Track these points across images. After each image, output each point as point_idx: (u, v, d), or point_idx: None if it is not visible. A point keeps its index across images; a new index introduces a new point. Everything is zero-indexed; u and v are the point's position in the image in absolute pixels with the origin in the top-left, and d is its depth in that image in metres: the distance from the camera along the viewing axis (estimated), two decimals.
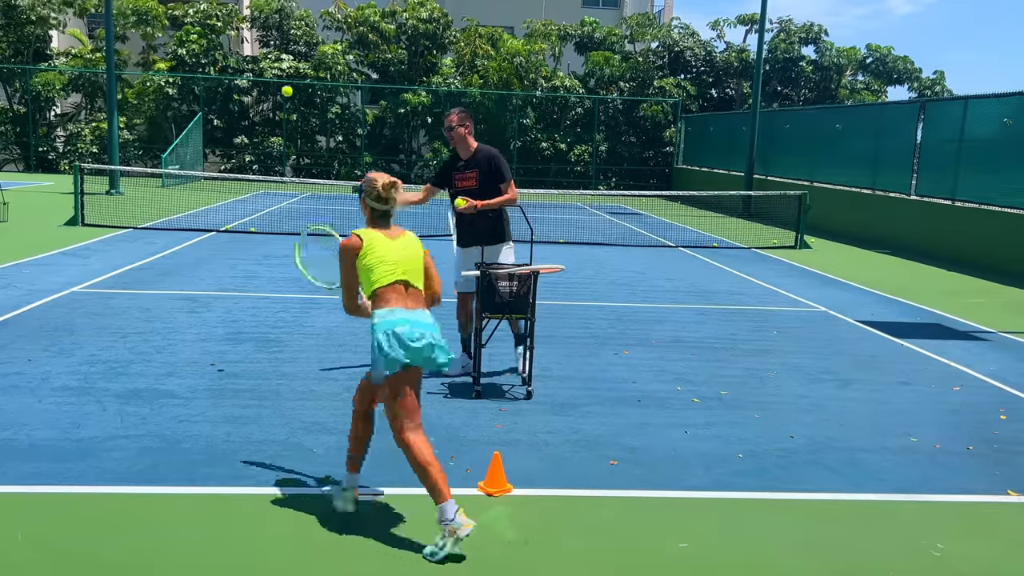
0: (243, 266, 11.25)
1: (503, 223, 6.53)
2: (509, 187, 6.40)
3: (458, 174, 6.44)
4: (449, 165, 6.56)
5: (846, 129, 20.46)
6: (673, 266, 13.12)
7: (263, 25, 32.01)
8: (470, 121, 6.42)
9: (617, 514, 4.24)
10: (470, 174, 6.38)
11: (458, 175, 6.44)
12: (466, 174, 6.40)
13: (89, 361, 6.51)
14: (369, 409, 4.13)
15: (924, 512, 4.47)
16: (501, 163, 6.40)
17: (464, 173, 6.41)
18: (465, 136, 6.36)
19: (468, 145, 6.40)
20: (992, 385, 6.97)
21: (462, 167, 6.43)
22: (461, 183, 6.41)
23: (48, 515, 4.00)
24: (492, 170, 6.35)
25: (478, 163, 6.37)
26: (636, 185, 30.98)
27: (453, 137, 6.39)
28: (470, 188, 6.36)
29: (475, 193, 6.33)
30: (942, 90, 36.86)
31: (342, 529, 3.96)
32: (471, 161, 6.39)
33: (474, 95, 30.50)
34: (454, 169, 6.48)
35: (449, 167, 6.55)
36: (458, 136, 6.36)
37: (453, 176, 6.47)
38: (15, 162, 30.38)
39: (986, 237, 14.45)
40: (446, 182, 6.56)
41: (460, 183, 6.42)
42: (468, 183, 6.38)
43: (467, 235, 6.50)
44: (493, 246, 6.47)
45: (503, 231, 6.51)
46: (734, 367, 7.18)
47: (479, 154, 6.39)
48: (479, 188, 6.34)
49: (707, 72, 34.86)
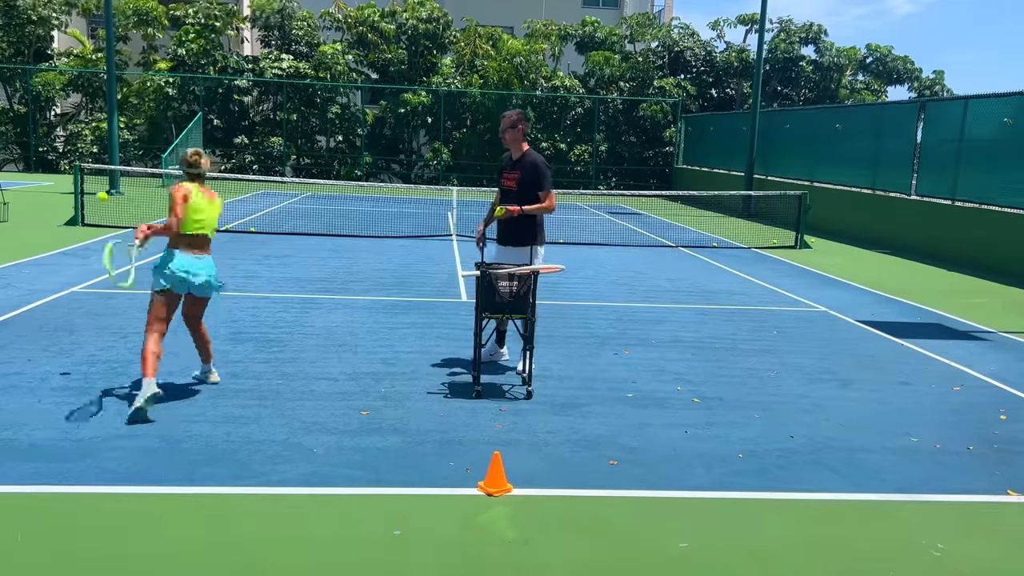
0: (243, 266, 11.25)
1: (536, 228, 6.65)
2: (548, 197, 6.58)
3: (505, 172, 6.69)
4: (503, 164, 6.81)
5: (846, 129, 20.46)
6: (673, 266, 13.12)
7: (264, 25, 32.02)
8: (525, 123, 6.60)
9: (617, 514, 4.24)
10: (514, 175, 6.58)
11: (505, 173, 6.69)
12: (511, 174, 6.61)
13: (89, 361, 6.51)
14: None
15: (924, 512, 4.47)
16: (543, 172, 6.57)
17: (509, 173, 6.63)
18: (519, 137, 6.56)
19: (520, 147, 6.61)
20: (992, 385, 6.97)
21: (509, 167, 6.66)
22: (505, 182, 6.66)
23: (48, 515, 4.00)
24: (533, 177, 6.54)
25: (523, 167, 6.57)
26: (636, 185, 30.99)
27: (507, 137, 6.56)
28: (510, 189, 6.58)
29: (514, 194, 6.56)
30: (942, 90, 36.86)
31: (342, 529, 3.96)
32: (518, 163, 6.61)
33: (474, 95, 30.51)
34: (504, 168, 6.73)
35: (503, 166, 6.80)
36: (512, 136, 6.55)
37: (501, 172, 6.74)
38: (15, 162, 30.38)
39: (986, 237, 14.45)
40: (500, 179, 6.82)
41: (504, 182, 6.66)
42: (509, 183, 6.60)
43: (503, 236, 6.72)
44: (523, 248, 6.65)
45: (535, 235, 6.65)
46: (734, 367, 7.18)
47: (526, 158, 6.60)
48: (518, 191, 6.55)
49: (707, 72, 34.87)
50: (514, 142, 6.58)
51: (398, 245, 14.28)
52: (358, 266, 11.83)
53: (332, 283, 10.42)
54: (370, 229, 15.97)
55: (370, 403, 5.79)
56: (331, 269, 11.44)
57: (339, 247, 13.57)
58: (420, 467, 4.71)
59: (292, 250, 12.96)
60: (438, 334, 7.85)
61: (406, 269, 11.75)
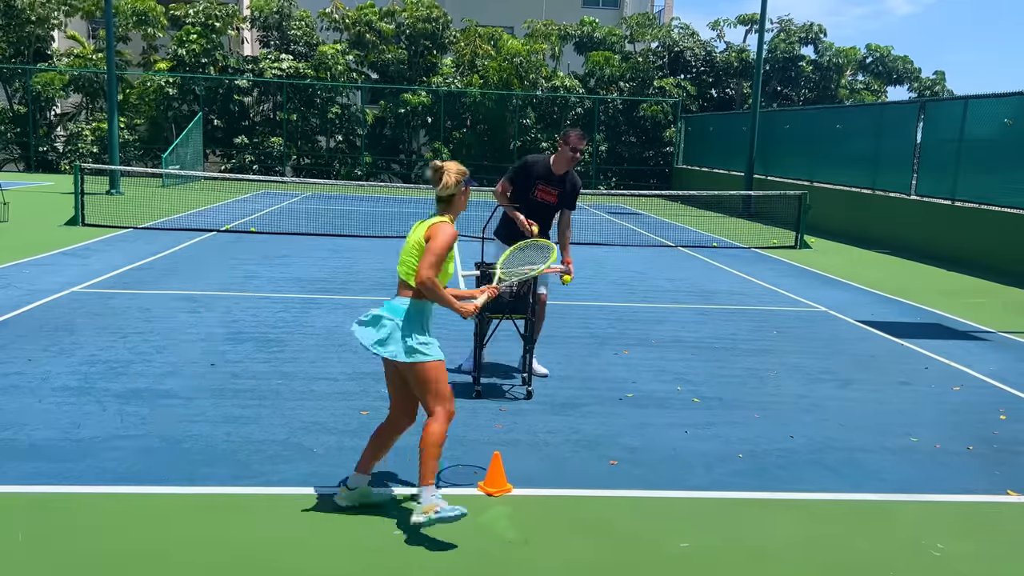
0: (243, 266, 11.25)
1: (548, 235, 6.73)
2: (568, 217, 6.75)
3: (545, 185, 6.60)
4: (532, 173, 6.59)
5: (846, 129, 20.47)
6: (673, 266, 13.12)
7: (263, 25, 32.02)
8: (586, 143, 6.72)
9: (617, 514, 4.24)
10: (555, 191, 6.59)
11: (544, 186, 6.60)
12: (552, 189, 6.59)
13: (89, 361, 6.51)
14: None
15: (924, 512, 4.47)
16: (579, 194, 6.74)
17: (551, 187, 6.59)
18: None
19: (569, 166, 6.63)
20: (992, 385, 6.97)
21: (553, 181, 6.58)
22: (543, 195, 6.61)
23: (48, 515, 4.00)
24: (572, 196, 6.66)
25: (567, 184, 6.63)
26: (636, 185, 30.98)
27: (571, 158, 6.51)
28: (549, 202, 6.61)
29: (550, 207, 6.63)
30: (942, 90, 36.85)
31: (342, 528, 3.96)
32: (562, 180, 6.61)
33: (474, 95, 30.50)
34: (540, 179, 6.59)
35: (532, 175, 6.59)
36: (574, 159, 6.53)
37: (537, 184, 6.59)
38: (15, 162, 30.38)
39: (986, 237, 14.45)
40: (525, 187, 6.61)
41: (542, 195, 6.61)
42: (550, 197, 6.60)
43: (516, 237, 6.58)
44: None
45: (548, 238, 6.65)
46: (734, 367, 7.18)
47: (571, 176, 6.66)
48: (556, 205, 6.64)
49: (707, 72, 34.86)
50: (571, 163, 6.58)
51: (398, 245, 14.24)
52: (358, 266, 11.83)
53: (332, 283, 10.42)
54: (370, 229, 15.96)
55: (370, 403, 5.79)
56: (331, 269, 11.44)
57: (339, 247, 13.57)
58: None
59: (292, 250, 12.96)
60: (438, 334, 7.83)
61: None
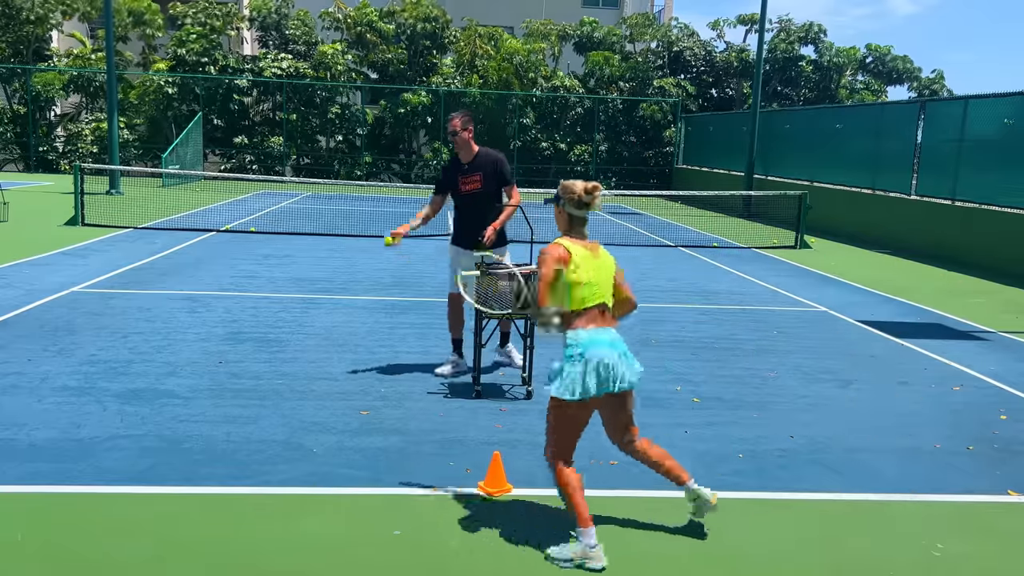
0: (243, 266, 11.25)
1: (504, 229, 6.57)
2: (512, 190, 6.54)
3: (463, 177, 6.51)
4: (451, 169, 6.60)
5: (846, 129, 20.46)
6: (673, 266, 13.12)
7: (262, 25, 32.01)
8: (472, 124, 6.50)
9: (617, 514, 4.24)
10: (475, 177, 6.46)
11: (463, 178, 6.51)
12: (471, 177, 6.47)
13: (89, 361, 6.51)
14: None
15: (924, 512, 4.47)
16: (504, 166, 6.52)
17: (468, 176, 6.48)
18: (468, 140, 6.44)
19: (471, 149, 6.48)
20: (992, 385, 6.97)
21: (466, 170, 6.50)
22: (466, 186, 6.49)
23: (48, 515, 4.00)
24: (496, 172, 6.47)
25: (482, 166, 6.47)
26: (636, 185, 30.98)
27: (457, 142, 6.46)
28: (476, 190, 6.46)
29: (480, 194, 6.45)
30: (941, 90, 36.86)
31: (342, 529, 3.96)
32: (474, 164, 6.48)
33: (474, 95, 30.49)
34: (458, 172, 6.54)
35: (452, 171, 6.59)
36: (461, 140, 6.43)
37: (458, 179, 6.53)
38: (15, 162, 30.37)
39: (986, 237, 14.45)
40: (451, 187, 6.60)
41: (465, 186, 6.50)
42: (473, 185, 6.46)
43: (468, 238, 6.52)
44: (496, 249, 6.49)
45: (503, 234, 6.55)
46: (734, 367, 7.18)
47: (482, 157, 6.48)
48: (483, 189, 6.45)
49: (707, 72, 34.86)
50: (465, 146, 6.43)
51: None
52: (358, 266, 11.83)
53: (332, 283, 10.42)
54: (370, 229, 15.96)
55: (370, 403, 5.80)
56: (331, 269, 11.44)
57: (339, 247, 13.57)
58: (420, 467, 4.71)
59: (292, 250, 12.96)
60: (438, 334, 7.84)
61: (406, 269, 11.75)
